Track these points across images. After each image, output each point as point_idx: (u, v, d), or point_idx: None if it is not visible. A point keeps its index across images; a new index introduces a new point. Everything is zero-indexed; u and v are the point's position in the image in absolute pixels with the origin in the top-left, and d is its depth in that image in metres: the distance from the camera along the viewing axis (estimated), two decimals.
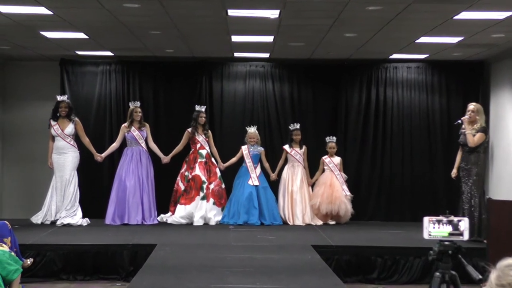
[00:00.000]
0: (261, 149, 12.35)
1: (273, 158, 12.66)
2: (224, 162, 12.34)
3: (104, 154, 12.08)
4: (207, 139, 12.23)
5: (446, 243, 4.61)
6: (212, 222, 11.89)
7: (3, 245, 7.49)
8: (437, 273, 4.64)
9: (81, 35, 10.71)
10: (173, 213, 12.04)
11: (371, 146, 13.25)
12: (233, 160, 12.37)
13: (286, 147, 12.43)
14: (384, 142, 13.25)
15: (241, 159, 12.33)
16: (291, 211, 12.14)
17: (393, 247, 9.61)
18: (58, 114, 11.72)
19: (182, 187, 12.06)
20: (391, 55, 12.65)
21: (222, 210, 12.10)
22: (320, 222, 12.13)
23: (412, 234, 10.56)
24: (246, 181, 12.07)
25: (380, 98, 13.30)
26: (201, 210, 11.89)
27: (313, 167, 12.51)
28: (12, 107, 13.48)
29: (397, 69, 13.35)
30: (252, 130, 12.33)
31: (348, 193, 12.29)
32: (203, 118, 12.21)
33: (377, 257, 9.33)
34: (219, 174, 12.19)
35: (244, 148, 12.29)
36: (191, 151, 12.23)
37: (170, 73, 13.29)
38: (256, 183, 12.07)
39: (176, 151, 12.30)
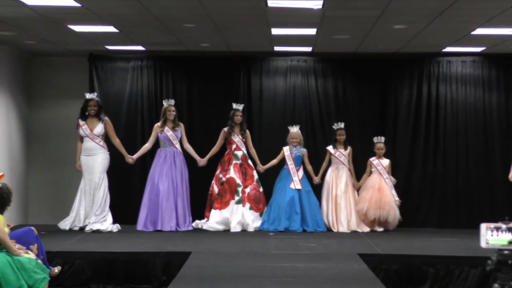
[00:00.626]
0: (304, 150, 12.33)
1: (316, 159, 12.62)
2: (263, 164, 12.35)
3: (135, 156, 12.15)
4: (244, 139, 12.24)
5: (506, 252, 4.56)
6: (251, 229, 11.90)
7: (30, 252, 7.58)
8: (496, 285, 4.59)
9: (111, 29, 10.80)
10: (209, 218, 12.06)
11: (422, 147, 13.15)
12: (274, 162, 12.36)
13: (330, 148, 12.39)
14: (437, 142, 13.13)
15: (282, 161, 12.32)
16: (335, 216, 12.10)
17: (446, 256, 9.51)
18: (87, 113, 11.80)
19: (216, 191, 12.10)
20: (444, 48, 12.55)
21: (261, 215, 12.11)
22: (367, 229, 12.07)
23: (467, 242, 10.47)
24: (288, 185, 12.05)
25: (432, 95, 13.19)
26: (238, 215, 11.90)
27: (359, 170, 12.46)
28: (39, 106, 13.64)
29: (451, 64, 13.22)
30: (294, 130, 12.31)
31: (397, 199, 12.22)
32: (239, 117, 12.22)
33: (429, 267, 9.25)
34: (256, 177, 12.20)
35: (285, 149, 12.27)
36: (226, 152, 12.27)
37: (206, 69, 13.32)
38: (299, 186, 12.04)
39: (213, 153, 12.34)
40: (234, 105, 12.33)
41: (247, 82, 13.37)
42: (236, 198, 11.95)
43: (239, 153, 12.19)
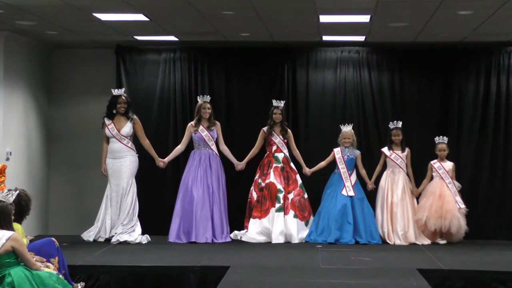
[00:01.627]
0: (357, 152, 12.27)
1: (370, 162, 12.58)
2: (309, 167, 12.30)
3: (167, 159, 12.18)
4: (285, 140, 12.21)
5: None
6: (295, 240, 11.86)
7: (50, 265, 7.60)
8: None
9: (140, 17, 10.85)
10: (248, 229, 12.04)
11: (490, 149, 13.06)
12: (322, 164, 12.34)
13: (385, 149, 12.33)
14: (507, 143, 13.04)
15: (331, 164, 12.28)
16: (391, 227, 12.02)
17: None
18: (114, 111, 11.85)
19: (255, 197, 12.07)
20: None
21: (306, 225, 12.08)
22: (427, 241, 11.97)
23: None
24: (339, 191, 12.02)
25: (501, 89, 13.09)
26: (280, 225, 11.87)
27: (419, 174, 12.34)
28: (60, 104, 13.75)
29: None
30: (347, 129, 12.27)
31: (462, 206, 12.10)
32: (279, 115, 12.20)
33: (499, 284, 9.16)
34: (300, 182, 12.18)
35: (336, 151, 12.22)
36: (265, 155, 12.27)
37: (246, 61, 13.35)
38: (351, 193, 11.99)
39: (251, 155, 12.35)
40: (274, 102, 12.31)
41: (292, 75, 13.37)
42: (277, 205, 11.93)
43: (280, 156, 12.16)
